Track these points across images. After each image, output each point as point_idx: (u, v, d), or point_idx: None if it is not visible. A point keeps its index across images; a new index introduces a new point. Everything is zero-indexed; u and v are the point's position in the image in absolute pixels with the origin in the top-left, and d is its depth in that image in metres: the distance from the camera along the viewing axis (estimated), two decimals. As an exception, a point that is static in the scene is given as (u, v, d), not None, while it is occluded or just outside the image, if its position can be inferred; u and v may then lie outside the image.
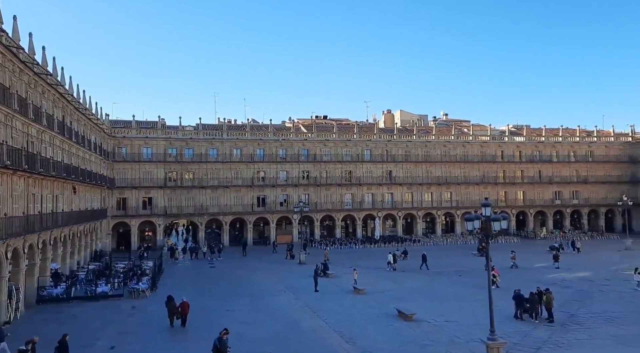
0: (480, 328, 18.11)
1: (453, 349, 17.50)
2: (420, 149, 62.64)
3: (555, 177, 65.99)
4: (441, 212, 62.62)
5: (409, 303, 24.34)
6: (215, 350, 15.48)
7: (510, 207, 63.86)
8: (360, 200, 60.04)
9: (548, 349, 17.29)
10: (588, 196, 66.56)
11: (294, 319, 22.48)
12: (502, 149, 65.66)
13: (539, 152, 66.59)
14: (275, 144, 58.53)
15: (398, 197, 61.25)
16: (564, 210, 66.18)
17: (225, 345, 15.65)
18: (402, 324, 21.14)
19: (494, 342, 15.15)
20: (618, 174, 67.72)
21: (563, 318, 21.26)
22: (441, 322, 21.30)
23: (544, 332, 19.42)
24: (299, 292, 28.94)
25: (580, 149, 67.82)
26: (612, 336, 18.73)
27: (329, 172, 59.51)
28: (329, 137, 60.42)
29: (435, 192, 62.46)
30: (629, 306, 23.71)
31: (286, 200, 58.09)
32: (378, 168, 61.00)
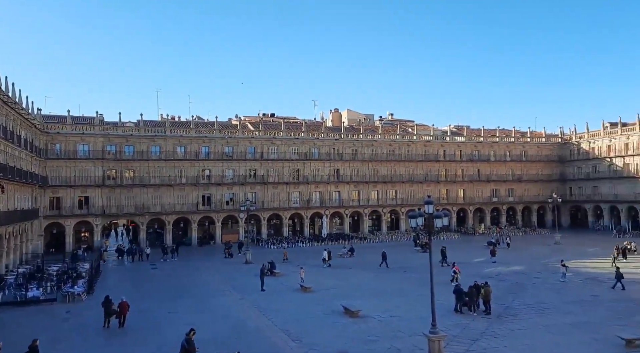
0: (422, 322, 18.61)
1: (397, 344, 17.87)
2: (366, 147, 63.67)
3: (493, 175, 69.27)
4: (387, 210, 64.01)
5: (355, 300, 24.63)
6: (183, 351, 15.02)
7: (452, 204, 66.34)
8: (308, 199, 60.18)
9: (485, 340, 18.06)
10: (522, 194, 70.42)
11: (239, 319, 22.13)
12: (444, 148, 68.07)
13: (478, 152, 69.64)
14: (221, 141, 57.42)
15: (345, 195, 61.95)
16: (501, 207, 69.64)
17: (193, 345, 15.30)
18: (348, 321, 21.35)
19: (435, 335, 15.63)
20: (549, 173, 72.14)
21: (499, 310, 22.30)
22: (386, 317, 21.72)
23: (481, 324, 20.28)
24: (245, 291, 28.55)
25: (515, 149, 71.60)
26: (543, 326, 19.86)
27: (276, 170, 59.19)
28: (277, 135, 60.08)
29: (381, 190, 63.75)
30: (558, 297, 25.26)
31: (232, 199, 57.18)
32: (326, 166, 61.39)
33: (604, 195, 65.69)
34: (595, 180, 67.27)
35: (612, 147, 65.53)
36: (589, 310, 22.31)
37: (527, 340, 17.97)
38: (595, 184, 67.44)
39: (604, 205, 65.97)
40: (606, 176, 65.56)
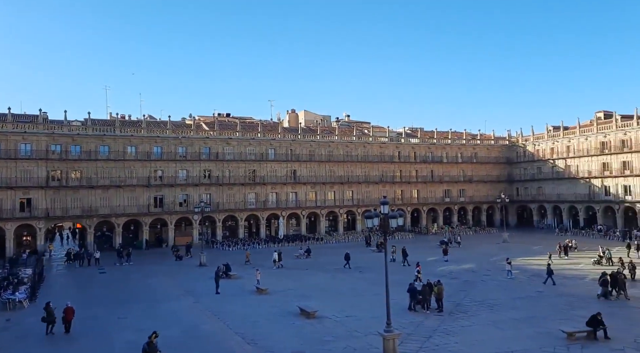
0: (378, 321, 18.82)
1: (352, 343, 17.99)
2: (323, 148, 63.91)
3: (445, 176, 71.31)
4: (343, 210, 64.50)
5: (311, 300, 24.64)
6: None
7: (406, 204, 67.72)
8: (265, 200, 59.69)
9: (438, 337, 18.50)
10: (472, 194, 72.91)
11: (193, 323, 21.60)
12: (399, 150, 69.41)
13: (432, 154, 71.49)
14: (175, 141, 55.93)
15: (302, 196, 61.91)
16: (453, 207, 71.79)
17: (155, 349, 14.86)
18: (304, 322, 21.31)
19: (389, 333, 15.82)
20: (497, 174, 75.10)
21: (451, 308, 22.93)
22: (342, 317, 21.84)
23: (434, 321, 20.77)
24: (199, 295, 27.94)
25: (466, 151, 74.05)
26: (491, 321, 20.59)
27: (232, 171, 58.31)
28: (232, 136, 59.20)
29: (338, 191, 64.17)
30: (505, 293, 26.28)
31: (186, 200, 55.81)
32: (282, 167, 61.11)
33: (548, 196, 69.12)
34: (540, 181, 70.66)
35: (555, 149, 69.05)
36: (534, 306, 23.33)
37: (477, 335, 18.56)
38: (539, 185, 70.82)
39: (548, 204, 69.39)
40: (549, 177, 69.01)
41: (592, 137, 63.19)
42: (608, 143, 61.24)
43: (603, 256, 35.82)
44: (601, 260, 35.51)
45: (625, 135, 59.21)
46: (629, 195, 58.27)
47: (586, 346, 16.88)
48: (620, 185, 59.36)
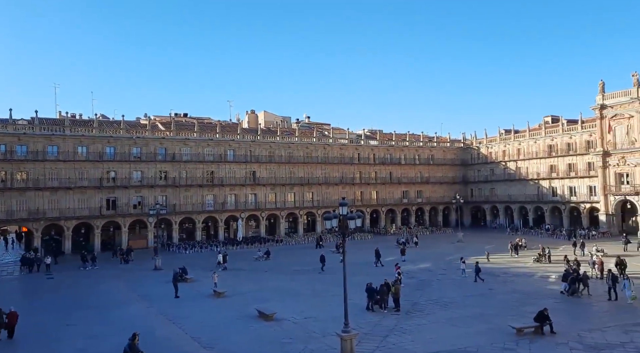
0: (336, 322, 18.87)
1: (311, 345, 17.98)
2: (283, 150, 63.72)
3: (403, 178, 72.70)
4: (303, 212, 64.49)
5: (270, 303, 24.45)
6: None
7: (365, 205, 68.54)
8: (223, 201, 58.81)
9: (394, 336, 18.78)
10: (429, 195, 74.68)
11: (146, 329, 20.86)
12: (358, 151, 70.17)
13: (390, 155, 72.71)
14: (129, 141, 54.19)
15: (262, 197, 61.43)
16: (410, 208, 73.26)
17: (136, 350, 14.61)
18: (262, 324, 21.13)
19: (347, 334, 15.93)
20: (453, 176, 77.29)
21: (408, 307, 23.33)
22: (300, 319, 21.78)
23: (391, 321, 21.07)
24: (154, 299, 27.15)
25: (423, 153, 75.78)
26: (446, 319, 21.10)
27: (189, 172, 57.10)
28: (190, 136, 58.00)
29: (298, 192, 64.12)
30: (459, 291, 27.01)
31: (140, 203, 54.17)
32: (241, 168, 60.44)
33: (500, 196, 71.79)
34: (493, 182, 73.27)
35: (506, 152, 71.82)
36: (486, 303, 24.10)
37: (432, 333, 18.97)
38: (492, 186, 73.44)
39: (500, 205, 72.04)
40: (501, 179, 71.69)
41: (540, 140, 66.15)
42: (555, 146, 64.32)
43: (543, 254, 37.43)
44: (541, 258, 37.10)
45: (571, 138, 62.37)
46: (574, 195, 61.40)
47: (534, 341, 17.59)
48: (566, 186, 62.45)
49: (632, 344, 16.90)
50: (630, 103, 53.11)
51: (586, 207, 59.65)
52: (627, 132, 53.76)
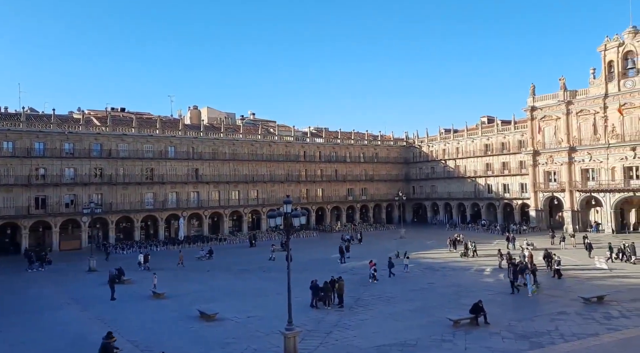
0: (280, 320, 18.73)
1: (254, 344, 17.72)
2: (227, 147, 62.56)
3: (349, 175, 73.63)
4: (248, 210, 63.67)
5: (213, 303, 23.92)
6: None
7: (311, 203, 68.77)
8: (164, 200, 56.86)
9: (338, 332, 18.91)
10: (374, 192, 76.13)
11: (80, 333, 19.83)
12: (304, 149, 70.25)
13: (336, 153, 73.38)
14: (60, 137, 51.08)
15: (205, 195, 59.99)
16: (355, 205, 74.34)
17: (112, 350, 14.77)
18: (203, 325, 20.60)
19: (290, 331, 15.83)
20: (396, 173, 79.27)
21: (351, 303, 23.60)
22: (243, 318, 21.45)
23: (335, 317, 21.22)
24: (88, 302, 25.76)
25: (368, 151, 77.12)
26: (388, 314, 21.54)
27: (127, 169, 54.69)
28: (128, 132, 55.54)
29: (242, 190, 63.20)
30: (401, 286, 27.68)
31: (73, 201, 51.26)
32: (183, 166, 58.71)
33: (440, 193, 74.48)
34: (433, 180, 75.88)
35: (446, 150, 74.59)
36: (426, 297, 24.86)
37: (374, 328, 19.29)
38: (433, 183, 76.04)
39: (440, 202, 74.76)
40: (441, 176, 74.40)
41: (477, 139, 69.27)
42: (491, 145, 67.61)
43: (470, 248, 39.18)
44: (467, 252, 38.83)
45: (505, 138, 65.78)
46: (507, 192, 64.84)
47: (469, 332, 18.32)
48: (500, 183, 65.81)
49: (557, 331, 18.02)
50: (557, 105, 56.74)
51: (518, 203, 63.15)
52: (554, 132, 57.40)
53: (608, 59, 52.14)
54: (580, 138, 54.74)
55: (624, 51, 50.91)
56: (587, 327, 18.53)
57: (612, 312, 20.64)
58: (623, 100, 50.48)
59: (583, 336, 17.32)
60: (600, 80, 52.95)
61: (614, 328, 18.23)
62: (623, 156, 50.72)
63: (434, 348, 16.65)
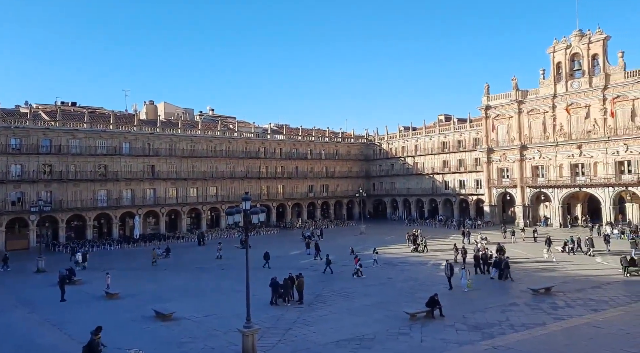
0: (239, 318, 18.52)
1: (211, 343, 17.46)
2: (185, 143, 61.21)
3: (309, 172, 73.69)
4: (207, 207, 62.59)
5: (169, 303, 23.42)
6: None
7: (272, 200, 68.40)
8: (118, 197, 54.99)
9: (297, 328, 18.90)
10: (334, 189, 76.57)
11: (27, 337, 18.93)
12: (264, 145, 69.70)
13: (297, 150, 73.23)
14: (6, 132, 48.48)
15: (161, 192, 58.46)
16: (316, 202, 74.53)
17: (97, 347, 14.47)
18: (159, 325, 20.11)
19: (249, 329, 15.70)
20: (357, 170, 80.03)
21: (311, 299, 23.63)
22: (201, 317, 21.09)
23: (294, 313, 21.19)
24: (36, 304, 24.61)
25: (329, 148, 77.44)
26: (347, 309, 21.73)
27: (78, 166, 52.54)
28: (79, 127, 53.33)
29: (201, 187, 62.04)
30: (360, 282, 27.96)
31: (20, 199, 48.82)
32: (139, 162, 56.97)
33: (399, 190, 75.83)
34: (393, 177, 77.15)
35: (405, 147, 75.97)
36: (385, 291, 25.24)
37: (333, 323, 19.40)
38: (392, 180, 77.31)
39: (399, 198, 76.13)
40: (401, 173, 75.75)
41: (435, 137, 70.92)
42: (448, 143, 69.40)
43: (420, 244, 40.16)
44: (418, 248, 39.78)
45: (461, 136, 67.69)
46: (463, 189, 66.78)
47: (425, 325, 18.75)
48: (456, 180, 67.70)
49: (507, 322, 18.74)
50: (510, 104, 58.88)
51: (473, 199, 65.19)
52: (507, 131, 59.56)
53: (556, 61, 54.54)
54: (531, 136, 57.06)
55: (571, 53, 53.40)
56: (535, 317, 19.35)
57: (559, 302, 21.66)
58: (570, 100, 52.98)
59: (531, 326, 18.07)
60: (549, 81, 55.33)
61: (559, 318, 19.12)
62: (570, 154, 53.27)
63: (391, 341, 16.92)
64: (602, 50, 50.72)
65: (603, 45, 50.66)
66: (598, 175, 50.79)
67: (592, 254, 34.28)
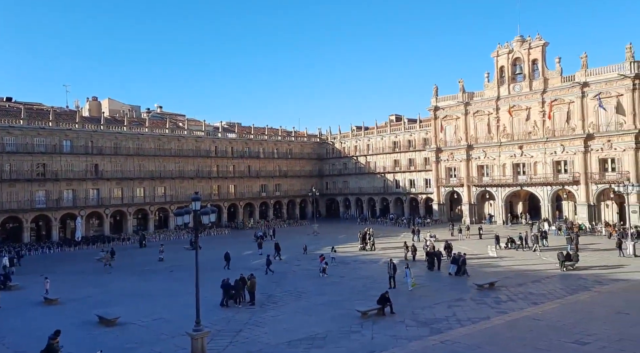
0: (188, 321, 17.98)
1: (157, 347, 16.90)
2: (131, 141, 58.97)
3: (262, 171, 73.04)
4: (154, 208, 60.62)
5: (114, 307, 22.46)
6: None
7: (223, 200, 67.23)
8: (58, 198, 52.17)
9: (248, 330, 18.62)
10: (287, 188, 76.33)
11: (-48, 351, 17.49)
12: (215, 144, 68.39)
13: (249, 149, 72.37)
14: None
15: (105, 193, 56.01)
16: (269, 201, 74.00)
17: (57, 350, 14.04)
18: (103, 331, 19.22)
19: (198, 332, 15.29)
20: (310, 169, 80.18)
21: (263, 300, 23.37)
22: (148, 321, 20.37)
23: (246, 315, 20.88)
24: (-37, 314, 22.83)
25: (282, 147, 77.08)
26: (299, 309, 21.65)
27: (14, 164, 49.44)
28: (15, 124, 50.21)
29: (148, 187, 60.01)
30: (313, 281, 27.97)
31: (-51, 200, 45.30)
32: (81, 161, 54.32)
33: (352, 189, 76.69)
34: (345, 176, 77.91)
35: (357, 147, 76.92)
36: (337, 290, 25.36)
37: (285, 324, 19.27)
38: (345, 179, 78.07)
39: (351, 197, 76.98)
40: (353, 172, 76.63)
41: (386, 137, 72.28)
42: (398, 142, 70.93)
43: (368, 242, 40.89)
44: (365, 246, 40.46)
45: (411, 136, 69.36)
46: (413, 187, 68.47)
47: (376, 322, 19.00)
48: (407, 179, 69.32)
49: (454, 317, 19.33)
50: (457, 106, 60.94)
51: (423, 198, 66.96)
52: (455, 131, 61.60)
53: (500, 65, 56.98)
54: (476, 137, 59.31)
55: (513, 58, 55.95)
56: (480, 311, 20.08)
57: (502, 296, 22.60)
58: (512, 102, 55.51)
59: (477, 320, 18.73)
60: (493, 84, 57.72)
61: (502, 311, 19.95)
62: (512, 154, 55.82)
63: (343, 339, 17.01)
64: (541, 55, 53.46)
65: (542, 51, 53.41)
66: (538, 175, 53.52)
67: (539, 249, 35.95)
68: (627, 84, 46.29)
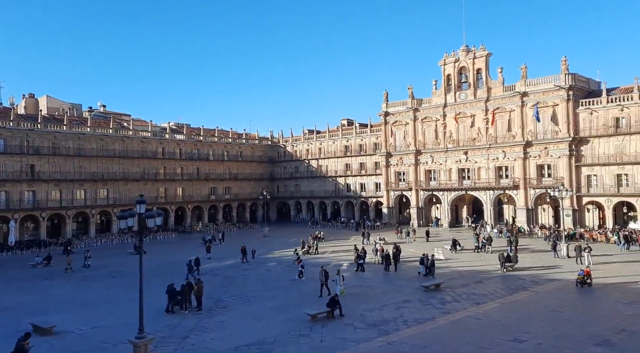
0: (131, 328, 17.25)
1: (98, 357, 16.08)
2: (72, 141, 56.08)
3: (211, 174, 71.57)
4: (96, 211, 57.89)
5: (50, 315, 21.30)
6: None
7: (170, 203, 65.30)
8: (-11, 200, 48.76)
9: (195, 336, 18.12)
10: (238, 191, 75.21)
11: None
12: (163, 145, 66.36)
13: (198, 151, 70.74)
14: None
15: (42, 195, 52.88)
16: (218, 205, 72.61)
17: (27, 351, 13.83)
18: (38, 340, 17.98)
19: (141, 340, 14.72)
20: (261, 172, 79.46)
21: (210, 305, 22.83)
22: (87, 329, 19.41)
23: (192, 321, 20.31)
24: None
25: (232, 149, 75.93)
26: (248, 313, 21.33)
27: (-61, 163, 45.72)
28: (-59, 119, 46.48)
29: (90, 189, 57.25)
30: (263, 285, 27.67)
31: None
32: (15, 161, 51.07)
33: (303, 192, 76.73)
34: (297, 179, 77.87)
35: (309, 150, 77.10)
36: (287, 294, 25.23)
37: (234, 329, 18.91)
38: (297, 182, 78.01)
39: (303, 200, 77.00)
40: (305, 176, 76.73)
41: (338, 141, 72.96)
42: (350, 146, 71.78)
43: (311, 246, 41.18)
44: (309, 250, 40.67)
45: (362, 140, 70.41)
46: (364, 191, 69.48)
47: (325, 325, 19.04)
48: (358, 183, 70.25)
49: (401, 318, 19.72)
50: (406, 112, 62.52)
51: (373, 201, 68.06)
52: (404, 136, 63.15)
53: (447, 73, 59.06)
54: (425, 142, 61.08)
55: (459, 66, 58.14)
56: (426, 312, 20.61)
57: (447, 297, 23.32)
58: (458, 110, 57.65)
59: (422, 321, 19.21)
60: (440, 91, 59.72)
61: (447, 312, 20.58)
62: (458, 159, 57.93)
63: (292, 343, 16.91)
64: (484, 65, 55.93)
65: (485, 61, 55.89)
66: (481, 179, 55.83)
67: (490, 251, 37.25)
68: (562, 94, 49.33)
